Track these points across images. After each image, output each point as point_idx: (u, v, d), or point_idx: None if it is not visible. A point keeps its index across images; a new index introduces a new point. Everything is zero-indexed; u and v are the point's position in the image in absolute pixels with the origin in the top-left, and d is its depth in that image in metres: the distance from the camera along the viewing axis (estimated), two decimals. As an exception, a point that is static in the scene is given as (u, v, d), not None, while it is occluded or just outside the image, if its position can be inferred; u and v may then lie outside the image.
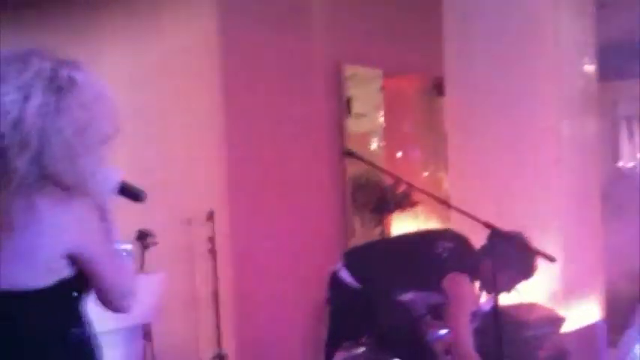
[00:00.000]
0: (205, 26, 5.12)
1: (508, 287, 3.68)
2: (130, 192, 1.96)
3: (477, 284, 3.74)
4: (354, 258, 3.91)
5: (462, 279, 3.62)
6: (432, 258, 3.70)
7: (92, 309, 1.85)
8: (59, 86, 1.67)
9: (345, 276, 3.78)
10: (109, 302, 1.83)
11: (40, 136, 1.63)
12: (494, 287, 3.37)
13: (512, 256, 3.54)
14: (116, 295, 1.82)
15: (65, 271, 1.72)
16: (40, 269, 1.69)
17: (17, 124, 1.62)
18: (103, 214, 1.82)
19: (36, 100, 1.63)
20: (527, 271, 3.69)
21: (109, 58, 5.37)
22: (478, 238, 3.59)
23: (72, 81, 1.69)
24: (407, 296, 3.74)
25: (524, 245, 3.62)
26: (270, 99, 5.34)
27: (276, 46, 5.39)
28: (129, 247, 1.99)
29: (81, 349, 1.80)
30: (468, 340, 3.53)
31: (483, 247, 3.62)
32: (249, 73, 5.24)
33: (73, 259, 1.72)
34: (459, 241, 3.82)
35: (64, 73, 1.68)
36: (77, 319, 1.80)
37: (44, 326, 1.73)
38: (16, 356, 1.70)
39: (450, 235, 3.93)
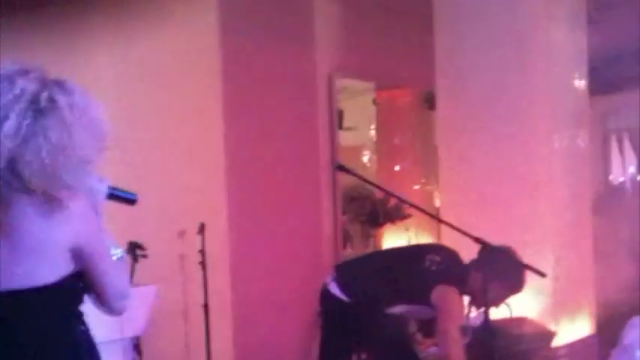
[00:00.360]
0: (205, 31, 5.13)
1: (497, 301, 3.68)
2: (120, 197, 2.02)
3: (466, 298, 3.74)
4: (345, 272, 3.91)
5: (451, 291, 3.62)
6: (421, 271, 3.70)
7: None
8: (39, 108, 1.74)
9: (336, 290, 3.78)
10: (105, 302, 1.91)
11: (13, 155, 1.71)
12: (483, 301, 3.38)
13: (501, 270, 3.56)
14: (113, 295, 1.91)
15: (69, 266, 1.81)
16: (48, 264, 1.78)
17: None
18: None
19: (12, 122, 1.70)
20: (516, 286, 3.69)
21: (104, 61, 5.37)
22: (468, 252, 3.59)
23: (52, 103, 1.76)
24: (396, 310, 3.74)
25: (513, 260, 3.63)
26: (262, 111, 5.34)
27: (267, 58, 5.39)
28: (119, 252, 1.99)
29: (87, 345, 1.90)
30: (460, 353, 3.53)
31: (473, 261, 3.63)
32: (244, 85, 5.25)
33: (76, 253, 1.81)
34: (448, 254, 3.84)
35: (45, 95, 1.75)
36: (82, 316, 1.89)
37: (55, 322, 1.83)
38: (30, 352, 1.79)
39: (438, 249, 3.96)
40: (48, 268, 1.78)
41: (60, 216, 1.76)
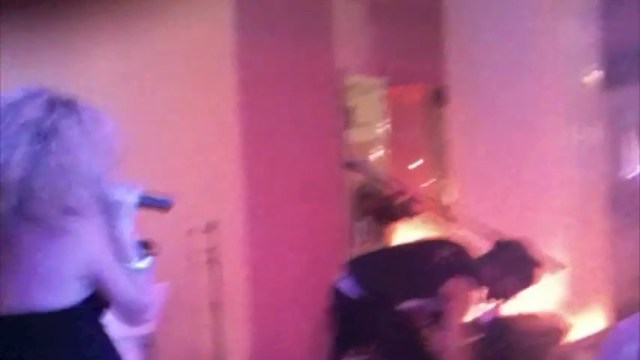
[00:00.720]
0: (220, 27, 5.13)
1: (511, 294, 3.67)
2: (152, 204, 2.01)
3: (480, 292, 3.73)
4: (356, 269, 3.91)
5: (462, 283, 3.63)
6: (433, 265, 3.72)
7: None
8: (44, 134, 1.78)
9: (348, 287, 3.77)
10: (125, 319, 1.93)
11: (20, 184, 1.74)
12: (497, 293, 3.38)
13: (515, 263, 3.55)
14: (131, 312, 1.91)
15: (82, 292, 1.83)
16: (55, 291, 1.79)
17: (2, 172, 1.75)
18: (112, 234, 1.90)
19: (17, 152, 1.75)
20: (529, 278, 3.70)
21: (114, 57, 5.36)
22: (480, 247, 3.58)
23: (54, 129, 1.78)
24: (409, 304, 3.74)
25: (526, 253, 3.61)
26: (275, 107, 5.34)
27: (278, 54, 5.39)
28: (144, 264, 1.97)
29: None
30: (457, 341, 3.57)
31: (486, 254, 3.63)
32: (259, 81, 5.26)
33: (90, 279, 1.83)
34: (459, 248, 3.85)
35: (49, 121, 1.78)
36: (94, 341, 1.88)
37: (62, 348, 1.82)
38: None
39: (449, 243, 3.96)
40: (56, 295, 1.79)
41: (69, 243, 1.78)
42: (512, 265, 3.58)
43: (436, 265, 3.71)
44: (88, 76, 5.09)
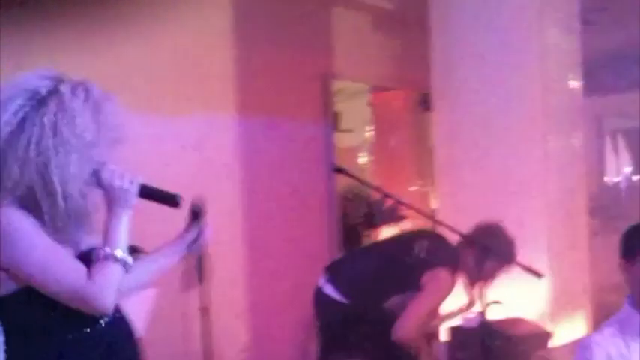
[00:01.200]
0: (217, 32, 5.16)
1: (492, 275, 3.71)
2: (158, 195, 1.95)
3: (461, 277, 3.77)
4: (337, 272, 3.91)
5: (440, 273, 3.65)
6: (411, 259, 3.73)
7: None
8: (41, 98, 1.78)
9: (331, 291, 3.79)
10: (75, 306, 1.80)
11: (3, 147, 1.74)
12: (478, 277, 3.44)
13: (492, 244, 3.64)
14: (75, 301, 1.79)
15: (8, 286, 1.76)
16: None
17: None
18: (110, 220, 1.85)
19: (10, 110, 1.75)
20: (508, 258, 3.73)
21: (110, 61, 5.32)
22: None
23: (55, 90, 1.79)
24: (393, 301, 3.76)
25: (503, 234, 3.75)
26: (259, 112, 5.36)
27: (264, 59, 5.41)
28: (129, 257, 1.91)
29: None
30: (414, 324, 3.58)
31: (462, 240, 3.69)
32: (253, 85, 5.31)
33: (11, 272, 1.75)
34: (435, 238, 3.88)
35: (48, 85, 1.80)
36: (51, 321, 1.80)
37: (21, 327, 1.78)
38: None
39: (425, 234, 3.99)
40: None
41: None
42: (491, 246, 3.65)
43: (414, 258, 3.72)
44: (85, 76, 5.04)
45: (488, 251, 3.60)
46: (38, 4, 5.05)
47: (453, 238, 3.76)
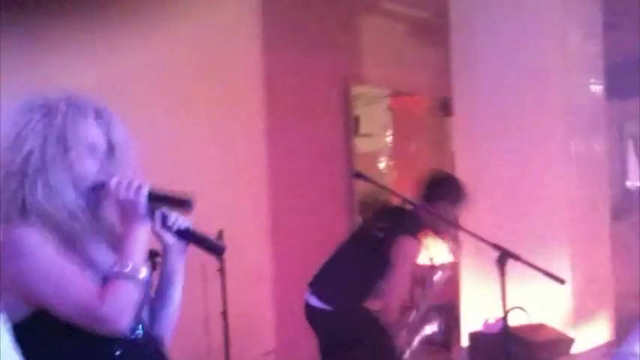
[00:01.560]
0: (246, 33, 5.22)
1: (451, 216, 3.79)
2: (168, 200, 1.83)
3: (427, 234, 3.88)
4: (317, 282, 3.97)
5: (403, 240, 3.75)
6: (375, 244, 3.80)
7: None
8: (48, 112, 1.76)
9: (315, 302, 3.87)
10: (85, 327, 1.72)
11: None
12: (443, 226, 3.76)
13: (441, 189, 3.81)
14: (84, 320, 1.71)
15: (23, 310, 1.70)
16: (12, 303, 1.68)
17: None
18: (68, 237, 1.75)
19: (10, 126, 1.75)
20: (459, 195, 3.86)
21: (131, 62, 5.35)
22: (487, 257, 3.59)
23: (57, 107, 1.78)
24: (378, 288, 3.83)
25: (446, 175, 4.01)
26: (281, 119, 5.40)
27: (288, 62, 5.44)
28: (142, 274, 1.83)
29: None
30: (398, 301, 3.74)
31: (416, 202, 3.78)
32: (280, 90, 5.37)
33: (24, 295, 1.70)
34: (391, 212, 4.04)
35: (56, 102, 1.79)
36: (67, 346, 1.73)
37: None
38: None
39: (380, 214, 4.14)
40: (13, 307, 1.67)
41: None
42: (441, 191, 3.79)
43: (377, 241, 3.80)
44: (107, 72, 5.01)
45: (438, 197, 3.75)
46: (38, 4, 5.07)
47: (485, 262, 3.77)
